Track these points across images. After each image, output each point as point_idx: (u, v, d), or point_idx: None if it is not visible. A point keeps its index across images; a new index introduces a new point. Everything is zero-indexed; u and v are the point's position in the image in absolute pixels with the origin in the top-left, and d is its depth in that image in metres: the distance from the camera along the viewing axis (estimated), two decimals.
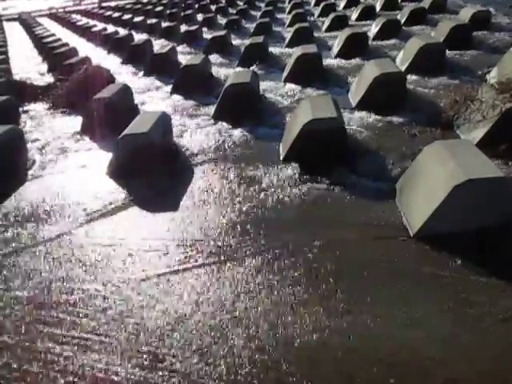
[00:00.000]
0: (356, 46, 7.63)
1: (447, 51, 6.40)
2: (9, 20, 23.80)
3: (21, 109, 6.89)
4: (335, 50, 8.05)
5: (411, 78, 5.75)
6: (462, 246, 2.60)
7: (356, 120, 4.72)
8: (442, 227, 2.69)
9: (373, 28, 9.13)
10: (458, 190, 2.61)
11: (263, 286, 2.53)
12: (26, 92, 7.64)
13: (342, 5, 13.48)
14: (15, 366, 2.20)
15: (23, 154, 4.98)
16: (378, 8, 11.69)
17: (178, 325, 2.32)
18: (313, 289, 2.46)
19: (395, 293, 2.36)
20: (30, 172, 4.62)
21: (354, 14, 11.28)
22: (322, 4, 13.05)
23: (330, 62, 7.37)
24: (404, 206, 3.08)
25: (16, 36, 17.38)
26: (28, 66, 11.11)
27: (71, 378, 2.09)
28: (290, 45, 8.81)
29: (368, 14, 10.89)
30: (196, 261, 2.82)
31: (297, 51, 6.94)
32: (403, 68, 6.08)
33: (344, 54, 7.60)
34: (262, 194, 3.52)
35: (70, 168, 4.64)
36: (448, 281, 2.40)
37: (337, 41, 8.27)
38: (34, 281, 2.85)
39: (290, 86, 6.29)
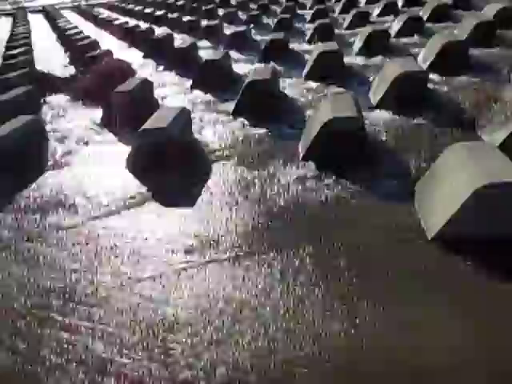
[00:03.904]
0: (377, 44, 7.55)
1: (471, 49, 6.28)
2: (33, 12, 24.11)
3: (42, 99, 7.00)
4: (356, 47, 7.97)
5: (433, 76, 5.66)
6: (480, 251, 2.56)
7: (376, 119, 4.67)
8: (460, 231, 2.65)
9: (395, 25, 9.01)
10: (478, 193, 2.57)
11: (280, 285, 2.53)
12: (48, 83, 7.76)
13: (363, 1, 13.35)
14: (32, 354, 2.25)
15: (44, 145, 5.06)
16: (400, 4, 11.52)
17: (195, 320, 2.34)
18: (330, 290, 2.45)
19: (411, 296, 2.34)
20: (50, 162, 4.69)
21: (375, 11, 11.16)
22: (343, 0, 12.95)
23: (350, 59, 7.30)
24: (422, 208, 3.05)
25: (40, 28, 17.61)
26: (51, 57, 11.25)
27: (87, 369, 2.12)
28: (311, 41, 8.77)
29: (390, 10, 10.75)
30: (211, 257, 2.84)
31: (317, 48, 6.90)
32: (425, 66, 5.99)
33: (365, 51, 7.52)
34: (280, 193, 3.52)
35: (89, 160, 4.71)
36: (465, 286, 2.38)
37: (358, 38, 8.19)
38: (52, 270, 2.90)
39: (310, 83, 6.25)
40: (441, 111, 4.68)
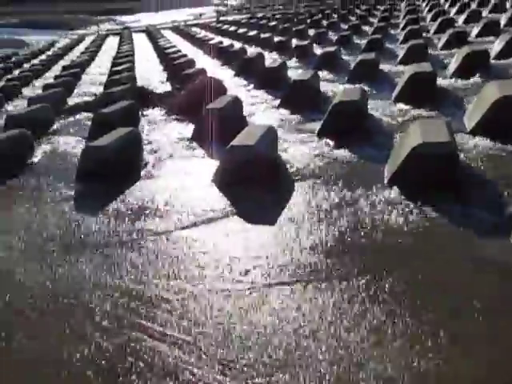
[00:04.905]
0: (475, 65, 7.17)
1: None
2: (137, 32, 26.12)
3: (141, 113, 7.52)
4: (451, 68, 7.64)
5: None
6: None
7: (470, 146, 4.43)
8: None
9: (495, 45, 8.52)
10: None
11: (350, 312, 2.47)
12: (147, 98, 8.34)
13: (461, 20, 12.80)
14: (115, 354, 2.39)
15: (139, 155, 5.42)
16: (502, 23, 10.88)
17: (259, 339, 2.35)
18: (406, 325, 2.35)
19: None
20: (143, 172, 5.00)
21: (474, 30, 10.64)
22: (439, 19, 12.50)
23: (445, 81, 7.02)
24: None
25: (142, 46, 19.00)
26: (151, 74, 12.09)
27: (157, 373, 2.21)
28: (403, 62, 8.57)
29: (490, 29, 10.17)
30: (284, 278, 2.84)
31: (409, 69, 6.71)
32: None
33: (461, 73, 7.16)
34: (362, 217, 3.45)
35: (179, 172, 4.96)
36: None
37: (454, 59, 7.84)
38: (135, 273, 3.08)
39: (401, 105, 6.10)
40: None
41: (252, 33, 16.46)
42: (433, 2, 17.50)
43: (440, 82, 6.73)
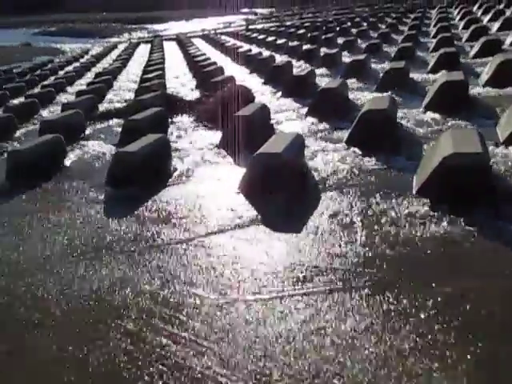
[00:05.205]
0: (509, 74, 7.00)
1: None
2: (168, 40, 26.61)
3: (170, 120, 7.64)
4: (484, 77, 7.48)
5: None
6: None
7: (504, 157, 4.32)
8: None
9: None
10: None
11: (375, 324, 2.43)
12: (176, 105, 8.47)
13: (494, 28, 12.53)
14: (132, 358, 2.42)
15: (167, 162, 5.50)
16: None
17: (284, 348, 2.34)
18: (433, 340, 2.29)
19: None
20: (171, 178, 5.07)
21: (508, 38, 10.39)
22: (472, 27, 12.28)
23: (477, 90, 6.88)
24: None
25: (172, 54, 19.33)
26: (180, 81, 12.28)
27: (181, 380, 2.22)
28: (434, 71, 8.44)
29: None
30: (309, 287, 2.83)
31: (440, 78, 6.61)
32: None
33: (494, 82, 7.01)
34: (388, 228, 3.40)
35: (206, 179, 5.00)
36: None
37: (487, 67, 7.68)
38: (161, 279, 3.11)
39: (431, 114, 5.99)
40: None
41: (281, 41, 16.54)
42: (465, 10, 17.22)
43: (472, 90, 6.59)
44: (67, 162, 6.03)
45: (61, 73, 17.38)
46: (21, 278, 3.35)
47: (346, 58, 11.56)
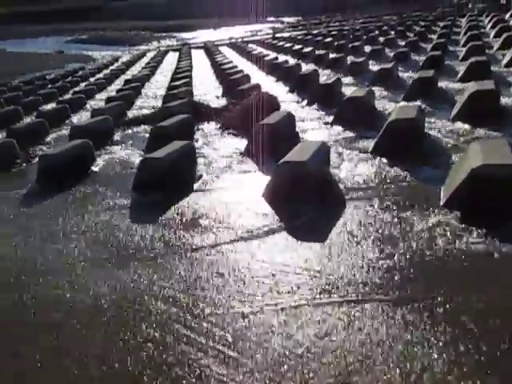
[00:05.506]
0: None
1: None
2: (195, 48, 26.96)
3: (196, 127, 7.72)
4: None
5: None
6: None
7: None
8: None
9: None
10: None
11: (397, 340, 2.38)
12: (202, 112, 8.56)
13: None
14: (155, 365, 2.43)
15: (193, 168, 5.56)
16: None
17: (307, 358, 2.32)
18: (464, 355, 2.24)
19: None
20: (196, 185, 5.12)
21: None
22: (504, 35, 12.01)
23: (509, 100, 6.72)
24: None
25: (200, 62, 19.56)
26: (207, 89, 12.41)
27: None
28: (463, 80, 8.29)
29: None
30: (329, 297, 2.80)
31: (470, 87, 6.49)
32: None
33: None
34: (413, 240, 3.34)
35: (231, 186, 5.03)
36: None
37: None
38: (185, 285, 3.13)
39: (460, 124, 5.88)
40: None
41: (307, 49, 16.53)
42: (497, 18, 16.88)
43: (504, 100, 6.45)
44: (95, 167, 6.16)
45: (91, 79, 17.81)
46: (45, 281, 3.42)
47: (373, 66, 11.47)
